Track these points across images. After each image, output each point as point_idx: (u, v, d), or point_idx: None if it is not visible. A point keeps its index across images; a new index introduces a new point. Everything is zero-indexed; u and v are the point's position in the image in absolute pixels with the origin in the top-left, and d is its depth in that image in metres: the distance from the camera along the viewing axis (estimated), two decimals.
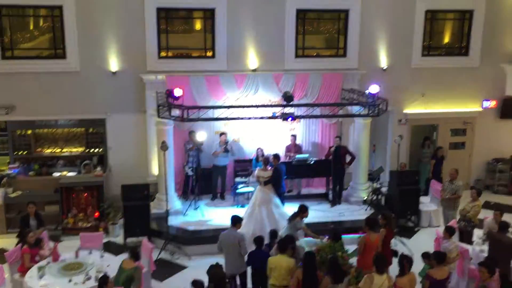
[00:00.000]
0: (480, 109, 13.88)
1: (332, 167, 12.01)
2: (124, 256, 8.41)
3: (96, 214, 11.36)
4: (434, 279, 7.04)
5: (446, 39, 13.93)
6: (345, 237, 9.43)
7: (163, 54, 12.32)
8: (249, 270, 8.23)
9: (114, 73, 12.04)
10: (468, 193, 10.50)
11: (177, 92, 10.28)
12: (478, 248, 9.01)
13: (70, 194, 11.42)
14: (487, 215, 10.19)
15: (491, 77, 13.57)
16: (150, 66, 12.13)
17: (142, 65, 12.07)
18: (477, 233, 9.81)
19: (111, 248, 10.26)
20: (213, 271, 7.13)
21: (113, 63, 12.00)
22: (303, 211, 8.90)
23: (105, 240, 10.04)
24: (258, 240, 8.10)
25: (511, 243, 8.21)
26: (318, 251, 7.95)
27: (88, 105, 12.03)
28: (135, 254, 7.63)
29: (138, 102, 12.20)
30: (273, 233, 8.51)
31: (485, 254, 8.60)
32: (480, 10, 13.32)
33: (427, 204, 12.12)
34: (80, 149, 12.56)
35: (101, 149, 12.57)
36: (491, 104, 13.88)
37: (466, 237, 9.72)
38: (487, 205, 12.37)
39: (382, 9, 12.89)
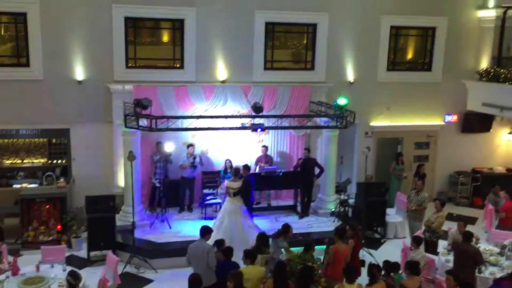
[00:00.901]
0: (442, 123, 14.28)
1: (300, 179, 12.07)
2: (88, 270, 8.17)
3: (59, 227, 10.97)
4: None
5: (410, 55, 14.34)
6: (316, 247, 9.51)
7: (131, 64, 12.15)
8: None
9: (79, 82, 11.79)
10: (432, 205, 10.73)
11: (145, 101, 10.13)
12: (444, 258, 9.18)
13: (31, 207, 10.99)
14: (450, 226, 10.43)
15: (453, 92, 14.00)
16: (117, 76, 11.93)
17: (109, 74, 11.87)
18: (442, 244, 10.01)
19: (74, 262, 9.95)
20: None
21: (79, 72, 11.76)
22: (286, 230, 8.76)
23: (67, 254, 9.74)
24: (227, 251, 7.99)
25: (476, 252, 8.39)
26: (288, 261, 7.90)
27: (51, 115, 11.70)
28: (71, 285, 7.25)
29: (104, 112, 11.95)
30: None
31: (451, 264, 8.77)
32: (442, 28, 13.78)
33: (393, 215, 12.31)
34: (42, 160, 12.17)
35: (64, 160, 12.21)
36: (453, 118, 14.30)
37: (432, 248, 9.90)
38: (450, 217, 12.67)
39: (349, 24, 13.16)
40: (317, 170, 12.12)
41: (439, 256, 9.34)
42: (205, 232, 8.14)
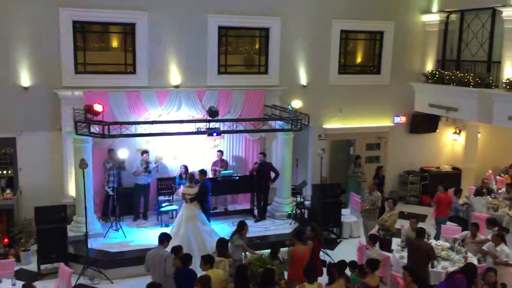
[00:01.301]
0: (392, 124, 14.72)
1: (256, 183, 12.09)
2: (39, 283, 7.83)
3: (6, 240, 10.43)
4: (371, 286, 7.22)
5: (360, 58, 14.71)
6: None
7: (80, 69, 11.78)
8: None
9: (25, 88, 11.30)
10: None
11: (97, 107, 9.85)
12: (398, 255, 9.41)
13: None
14: (403, 224, 10.74)
15: (401, 94, 14.48)
16: (66, 82, 11.53)
17: (57, 80, 11.45)
18: (396, 241, 10.28)
19: (24, 276, 9.48)
20: None
21: (25, 78, 11.28)
22: (241, 228, 8.78)
23: (16, 268, 9.28)
24: (184, 258, 7.85)
25: (429, 248, 8.67)
26: (248, 264, 7.89)
27: None
28: None
29: (52, 119, 11.51)
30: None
31: (405, 260, 9.02)
32: (389, 32, 14.23)
33: (347, 216, 12.55)
34: None
35: (10, 171, 11.65)
36: (402, 119, 14.78)
37: (386, 245, 10.13)
38: (401, 215, 12.86)
39: (301, 28, 13.33)
40: (273, 175, 12.19)
41: (393, 253, 9.57)
42: (163, 239, 8.00)
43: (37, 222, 9.89)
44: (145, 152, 11.84)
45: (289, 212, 12.30)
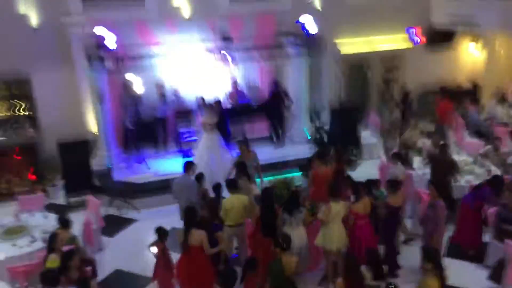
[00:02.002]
0: (408, 43, 14.20)
1: (271, 112, 11.97)
2: (69, 216, 8.02)
3: (32, 176, 10.68)
4: (392, 207, 7.28)
5: None
6: (295, 174, 9.66)
7: (89, 1, 11.40)
8: None
9: (35, 27, 11.06)
10: None
11: (110, 40, 9.64)
12: (421, 172, 9.44)
13: (1, 158, 10.61)
14: (425, 141, 10.66)
15: (417, 8, 13.82)
16: (76, 17, 11.20)
17: (66, 16, 11.13)
18: (417, 159, 10.27)
19: (54, 210, 9.66)
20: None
21: (33, 18, 11.00)
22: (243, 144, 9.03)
23: (46, 203, 9.53)
24: (216, 187, 7.94)
25: (452, 162, 8.65)
26: (273, 186, 7.98)
27: (8, 63, 11.02)
28: (65, 223, 7.21)
29: (65, 56, 11.34)
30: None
31: (427, 177, 9.03)
32: None
33: (367, 137, 12.50)
34: (6, 112, 11.60)
35: (29, 110, 11.69)
36: (418, 36, 14.20)
37: (408, 164, 10.11)
38: (421, 134, 12.89)
39: None
40: (286, 101, 11.98)
41: (415, 170, 9.59)
42: (188, 167, 8.08)
43: (62, 157, 10.04)
44: (160, 84, 11.72)
45: (309, 137, 12.28)
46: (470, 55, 15.03)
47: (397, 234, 7.36)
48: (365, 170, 11.40)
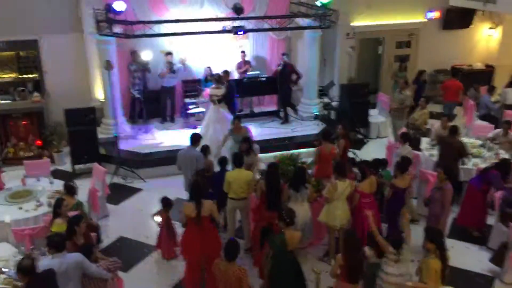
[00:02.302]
0: (424, 20, 13.97)
1: (278, 86, 11.83)
2: (75, 182, 8.08)
3: (39, 142, 10.70)
4: (398, 188, 7.24)
5: None
6: (301, 150, 9.61)
7: None
8: None
9: None
10: None
11: (119, 6, 9.48)
12: (428, 153, 9.37)
13: (6, 123, 10.63)
14: (433, 122, 10.58)
15: None
16: None
17: None
18: (425, 140, 10.19)
19: (59, 176, 9.76)
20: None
21: None
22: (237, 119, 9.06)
23: (51, 169, 9.55)
24: (222, 160, 7.90)
25: (461, 145, 8.57)
26: (279, 162, 7.95)
27: (16, 25, 10.89)
28: (71, 190, 7.22)
29: (74, 20, 11.21)
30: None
31: (434, 158, 8.99)
32: None
33: (375, 116, 12.39)
34: (12, 75, 11.51)
35: (36, 74, 11.62)
36: (435, 15, 13.98)
37: (415, 144, 10.02)
38: (430, 115, 12.75)
39: None
40: (294, 77, 11.80)
41: (423, 151, 9.52)
42: (195, 139, 8.04)
43: (68, 124, 10.02)
44: (169, 53, 11.60)
45: (316, 113, 12.18)
46: (485, 36, 14.73)
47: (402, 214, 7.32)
48: (372, 149, 11.36)
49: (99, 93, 11.51)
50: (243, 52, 12.25)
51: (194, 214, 6.29)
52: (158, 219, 7.32)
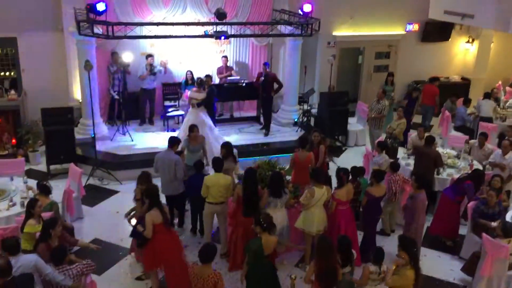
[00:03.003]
0: (403, 32, 14.23)
1: (261, 97, 11.68)
2: (50, 183, 7.95)
3: (13, 141, 10.50)
4: (373, 196, 7.32)
5: None
6: (279, 156, 9.64)
7: None
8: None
9: None
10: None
11: (100, 6, 9.39)
12: (404, 162, 9.50)
13: None
14: (410, 132, 10.74)
15: (415, 0, 13.82)
16: None
17: None
18: (402, 150, 10.34)
19: (34, 176, 9.62)
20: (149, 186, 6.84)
21: None
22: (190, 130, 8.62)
23: (26, 168, 9.37)
24: (198, 164, 7.89)
25: (437, 155, 8.71)
26: (257, 167, 7.96)
27: None
28: (44, 189, 7.12)
29: (54, 18, 11.11)
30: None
31: (411, 168, 9.12)
32: None
33: (354, 124, 12.53)
34: None
35: (12, 72, 11.43)
36: (414, 27, 14.27)
37: (392, 153, 10.18)
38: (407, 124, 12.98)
39: None
40: (275, 86, 11.70)
41: (399, 160, 9.65)
42: (173, 142, 7.99)
43: (45, 124, 9.87)
44: (149, 55, 11.56)
45: (296, 119, 12.25)
46: (462, 50, 15.09)
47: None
48: (349, 157, 11.47)
49: (77, 93, 11.38)
50: (225, 57, 12.27)
51: (160, 220, 6.26)
52: (134, 221, 7.24)
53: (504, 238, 6.56)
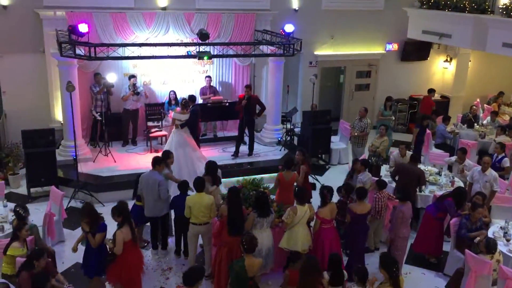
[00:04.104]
0: (383, 51, 14.49)
1: (244, 119, 11.24)
2: (30, 206, 7.86)
3: None
4: (354, 213, 7.35)
5: None
6: (264, 175, 9.64)
7: None
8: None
9: (4, 7, 10.73)
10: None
11: (82, 27, 9.41)
12: (387, 179, 9.55)
13: None
14: (392, 150, 10.87)
15: (394, 21, 14.15)
16: (47, 1, 10.96)
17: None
18: (384, 167, 10.43)
19: (14, 199, 9.48)
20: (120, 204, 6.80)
21: None
22: (166, 157, 8.37)
23: (6, 191, 9.22)
24: (183, 185, 7.84)
25: (420, 173, 8.81)
26: (240, 187, 7.95)
27: None
28: (19, 216, 6.99)
29: (35, 40, 11.06)
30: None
31: (393, 185, 9.18)
32: None
33: (336, 143, 12.62)
34: None
35: None
36: (393, 47, 14.55)
37: (375, 171, 10.27)
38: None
39: None
40: (258, 108, 11.50)
41: (382, 178, 9.70)
42: (157, 162, 7.95)
43: (25, 146, 9.73)
44: (133, 76, 11.56)
45: (279, 139, 12.30)
46: (441, 69, 15.41)
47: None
48: (333, 175, 11.52)
49: (59, 115, 11.30)
50: (208, 77, 12.32)
51: (130, 237, 6.43)
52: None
53: (487, 254, 6.62)
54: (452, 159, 10.14)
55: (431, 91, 13.57)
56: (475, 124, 12.51)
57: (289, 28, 10.90)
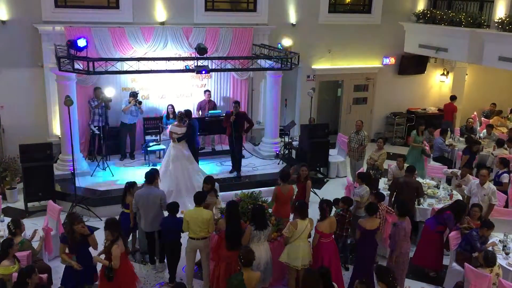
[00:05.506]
0: (380, 65, 14.58)
1: (234, 136, 10.96)
2: (27, 221, 7.80)
3: None
4: (364, 229, 7.29)
5: None
6: (262, 189, 9.61)
7: (60, 3, 11.24)
8: None
9: (3, 22, 10.79)
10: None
11: (81, 42, 9.47)
12: (385, 192, 9.55)
13: None
14: (390, 163, 10.87)
15: (391, 35, 14.24)
16: (46, 16, 11.03)
17: (36, 14, 10.93)
18: (382, 180, 10.42)
19: (11, 214, 9.39)
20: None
21: (2, 11, 10.73)
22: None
23: (2, 206, 9.17)
24: (172, 206, 7.61)
25: (418, 185, 8.81)
26: (239, 200, 7.92)
27: None
28: (10, 232, 6.98)
29: (33, 55, 11.11)
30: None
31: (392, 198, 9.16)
32: None
33: (335, 156, 12.62)
34: None
35: None
36: (390, 60, 14.63)
37: (373, 184, 10.23)
38: (387, 156, 13.11)
39: None
40: (246, 125, 11.13)
41: (381, 191, 9.68)
42: (152, 177, 7.91)
43: (23, 160, 9.70)
44: (131, 90, 11.60)
45: (277, 152, 12.30)
46: (437, 82, 15.49)
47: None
48: (331, 189, 11.51)
49: (57, 129, 11.30)
50: (208, 91, 12.35)
51: (123, 250, 6.57)
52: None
53: (486, 267, 6.59)
54: (449, 171, 10.14)
55: (453, 98, 14.07)
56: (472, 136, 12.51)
57: (285, 42, 10.93)
